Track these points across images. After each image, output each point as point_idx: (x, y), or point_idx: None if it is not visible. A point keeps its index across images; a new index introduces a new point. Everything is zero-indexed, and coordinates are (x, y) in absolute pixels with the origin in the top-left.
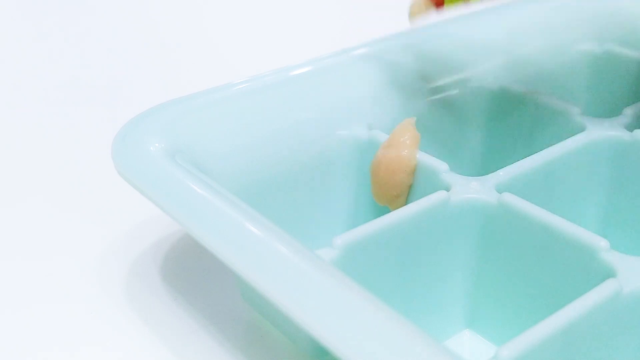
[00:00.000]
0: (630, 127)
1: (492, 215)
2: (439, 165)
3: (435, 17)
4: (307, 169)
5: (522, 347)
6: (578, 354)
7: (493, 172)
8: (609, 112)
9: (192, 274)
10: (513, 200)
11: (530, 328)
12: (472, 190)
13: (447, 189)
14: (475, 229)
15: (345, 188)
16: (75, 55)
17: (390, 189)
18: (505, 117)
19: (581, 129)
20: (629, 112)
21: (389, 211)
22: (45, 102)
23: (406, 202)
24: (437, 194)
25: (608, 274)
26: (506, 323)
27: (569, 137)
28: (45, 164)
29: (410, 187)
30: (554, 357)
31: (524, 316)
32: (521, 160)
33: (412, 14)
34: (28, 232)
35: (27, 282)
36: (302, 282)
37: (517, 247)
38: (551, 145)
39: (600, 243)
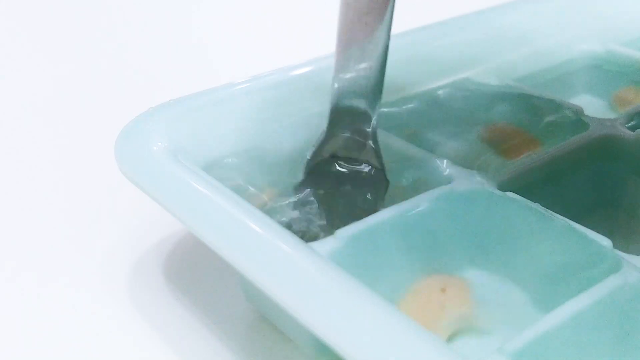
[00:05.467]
0: (633, 127)
1: (495, 212)
2: (441, 160)
3: None
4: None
5: (526, 340)
6: (581, 349)
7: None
8: (611, 111)
9: (195, 273)
10: (516, 198)
11: (533, 323)
12: (476, 184)
13: (450, 182)
14: (478, 223)
15: None
16: (76, 54)
17: None
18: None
19: (584, 128)
20: (631, 111)
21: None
22: (46, 102)
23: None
24: (440, 188)
25: (611, 273)
26: (510, 319)
27: (571, 136)
28: (48, 163)
29: None
30: (557, 351)
31: (527, 313)
32: (524, 159)
33: None
34: (31, 232)
35: (29, 281)
36: (305, 281)
37: (519, 246)
38: (554, 144)
39: (603, 242)
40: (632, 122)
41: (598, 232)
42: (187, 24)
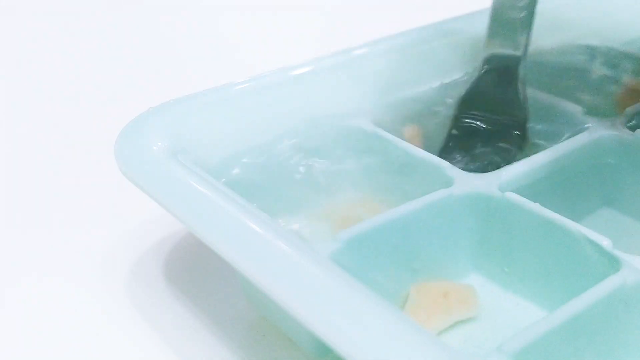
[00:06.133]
0: (633, 127)
1: (495, 213)
2: (441, 163)
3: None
4: (311, 166)
5: (526, 340)
6: (580, 347)
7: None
8: (612, 111)
9: (195, 273)
10: (516, 198)
11: (533, 323)
12: (475, 186)
13: (450, 185)
14: (478, 224)
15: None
16: (76, 54)
17: None
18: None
19: (584, 128)
20: (631, 111)
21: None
22: (47, 102)
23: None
24: (440, 191)
25: (611, 273)
26: (510, 319)
27: (571, 136)
28: (49, 163)
29: None
30: (557, 351)
31: (528, 313)
32: (524, 159)
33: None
34: (31, 232)
35: (30, 280)
36: (304, 280)
37: (520, 245)
38: (554, 144)
39: (603, 242)
40: (632, 122)
41: (598, 232)
42: (187, 24)
